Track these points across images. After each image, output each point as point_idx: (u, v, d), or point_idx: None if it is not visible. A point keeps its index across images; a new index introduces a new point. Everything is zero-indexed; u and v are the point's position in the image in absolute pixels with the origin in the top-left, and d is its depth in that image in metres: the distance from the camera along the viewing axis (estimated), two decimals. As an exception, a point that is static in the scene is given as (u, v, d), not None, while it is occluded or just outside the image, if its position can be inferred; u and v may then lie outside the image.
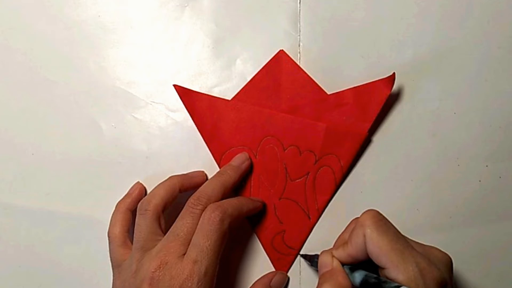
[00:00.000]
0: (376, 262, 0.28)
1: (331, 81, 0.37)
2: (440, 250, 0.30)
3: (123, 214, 0.35)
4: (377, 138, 0.37)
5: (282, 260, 0.37)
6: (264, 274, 0.36)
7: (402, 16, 0.37)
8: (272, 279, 0.35)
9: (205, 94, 0.37)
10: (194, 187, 0.34)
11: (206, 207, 0.31)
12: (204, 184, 0.33)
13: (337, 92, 0.36)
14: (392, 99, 0.37)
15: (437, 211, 0.37)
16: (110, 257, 0.34)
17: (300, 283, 0.37)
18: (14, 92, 0.38)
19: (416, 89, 0.37)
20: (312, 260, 0.34)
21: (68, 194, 0.37)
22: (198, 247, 0.29)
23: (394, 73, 0.35)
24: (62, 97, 0.38)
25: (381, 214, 0.29)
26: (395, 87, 0.36)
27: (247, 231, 0.37)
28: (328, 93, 0.36)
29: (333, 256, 0.31)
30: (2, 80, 0.38)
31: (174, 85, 0.37)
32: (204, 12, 0.38)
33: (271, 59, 0.37)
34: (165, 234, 0.32)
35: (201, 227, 0.30)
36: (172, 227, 0.32)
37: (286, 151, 0.36)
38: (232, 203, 0.32)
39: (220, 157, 0.37)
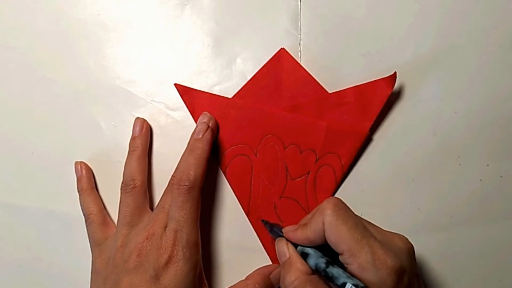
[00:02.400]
0: (334, 248, 0.29)
1: (332, 79, 0.37)
2: (403, 238, 0.30)
3: (92, 194, 0.36)
4: (378, 137, 0.37)
5: (283, 259, 0.36)
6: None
7: (403, 14, 0.37)
8: (272, 271, 0.35)
9: (206, 93, 0.37)
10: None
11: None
12: (180, 163, 0.34)
13: (338, 91, 0.36)
14: (393, 98, 0.37)
15: (438, 210, 0.37)
16: (89, 237, 0.35)
17: (300, 283, 0.37)
18: (13, 91, 0.38)
19: (417, 88, 0.37)
20: (271, 229, 0.34)
21: (68, 193, 0.37)
22: (175, 219, 0.31)
23: (395, 72, 0.35)
24: (62, 96, 0.38)
25: (342, 203, 0.30)
26: (396, 86, 0.36)
27: (248, 230, 0.37)
28: (329, 91, 0.36)
29: (287, 243, 0.32)
30: (1, 79, 0.38)
31: (175, 84, 0.37)
32: (204, 10, 0.38)
33: (271, 58, 0.37)
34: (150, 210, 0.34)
35: (174, 200, 0.32)
36: (158, 202, 0.33)
37: (286, 149, 0.36)
38: (189, 164, 0.33)
39: (220, 156, 0.37)
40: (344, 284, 0.27)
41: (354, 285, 0.26)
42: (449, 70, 0.37)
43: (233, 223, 0.37)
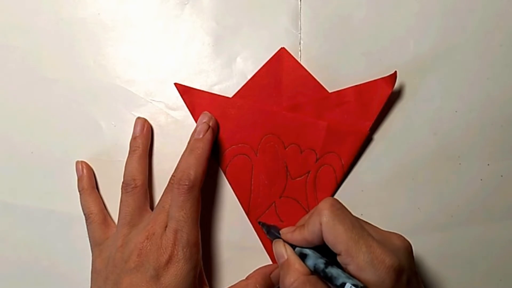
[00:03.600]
0: (332, 249, 0.29)
1: (332, 79, 0.36)
2: (400, 237, 0.30)
3: (93, 193, 0.36)
4: (378, 137, 0.37)
5: (283, 259, 0.36)
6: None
7: (403, 14, 0.37)
8: (273, 271, 0.35)
9: (206, 92, 0.37)
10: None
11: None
12: (180, 163, 0.33)
13: (338, 90, 0.36)
14: (394, 98, 0.37)
15: (438, 210, 0.37)
16: (89, 236, 0.35)
17: (300, 282, 0.37)
18: (13, 90, 0.38)
19: (417, 87, 0.37)
20: (269, 230, 0.34)
21: (68, 193, 0.37)
22: (175, 218, 0.31)
23: (395, 72, 0.35)
24: (62, 96, 0.38)
25: (339, 203, 0.30)
26: (396, 85, 0.36)
27: (248, 230, 0.37)
28: (329, 91, 0.36)
29: (284, 245, 0.32)
30: (1, 79, 0.38)
31: (175, 84, 0.37)
32: (204, 10, 0.38)
33: (272, 57, 0.37)
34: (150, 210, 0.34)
35: (174, 200, 0.32)
36: (158, 202, 0.33)
37: (287, 149, 0.36)
38: (190, 163, 0.33)
39: (220, 155, 0.37)
40: (344, 284, 0.26)
41: (353, 285, 0.26)
42: (450, 69, 0.37)
43: (233, 222, 0.37)
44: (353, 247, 0.27)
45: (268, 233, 0.35)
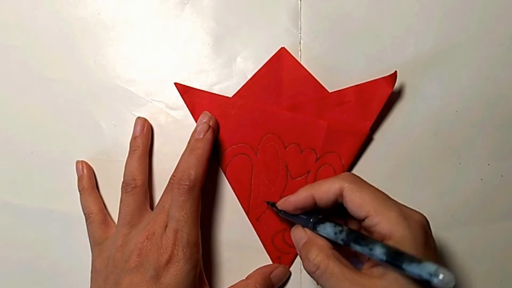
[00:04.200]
0: (354, 213, 0.29)
1: (332, 79, 0.36)
2: (420, 213, 0.30)
3: (93, 193, 0.36)
4: (378, 137, 0.37)
5: (283, 258, 0.36)
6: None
7: (403, 13, 0.37)
8: (273, 271, 0.35)
9: (206, 92, 0.37)
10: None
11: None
12: (181, 162, 0.33)
13: (338, 90, 0.36)
14: (394, 97, 0.37)
15: (438, 209, 0.37)
16: (89, 236, 0.35)
17: (300, 282, 0.37)
18: (13, 90, 0.38)
19: (417, 87, 0.37)
20: (277, 209, 0.34)
21: (67, 192, 0.37)
22: (175, 218, 0.31)
23: (396, 71, 0.35)
24: (62, 95, 0.38)
25: (359, 176, 0.30)
26: (396, 85, 0.36)
27: (248, 229, 0.37)
28: (330, 91, 0.36)
29: (304, 228, 0.32)
30: (1, 78, 0.38)
31: (175, 83, 0.37)
32: (205, 9, 0.38)
33: (272, 57, 0.37)
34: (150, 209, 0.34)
35: (174, 199, 0.32)
36: (158, 201, 0.33)
37: (287, 149, 0.36)
38: (190, 163, 0.32)
39: (220, 155, 0.37)
40: (377, 247, 0.26)
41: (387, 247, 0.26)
42: (450, 69, 0.37)
43: (233, 222, 0.37)
44: (382, 206, 0.28)
45: (279, 211, 0.34)
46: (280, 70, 0.36)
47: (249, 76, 0.37)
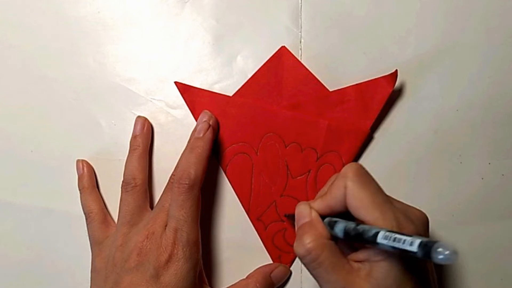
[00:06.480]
0: (354, 215, 0.28)
1: (333, 78, 0.36)
2: (420, 210, 0.30)
3: (93, 192, 0.36)
4: (379, 135, 0.37)
5: (283, 257, 0.36)
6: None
7: (404, 12, 0.37)
8: (273, 270, 0.35)
9: (206, 91, 0.37)
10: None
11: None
12: (181, 161, 0.33)
13: (339, 89, 0.36)
14: (394, 96, 0.37)
15: (438, 208, 0.37)
16: (89, 235, 0.35)
17: (301, 282, 0.37)
18: (13, 89, 0.38)
19: (418, 86, 0.37)
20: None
21: (67, 192, 0.37)
22: (175, 218, 0.31)
23: (396, 70, 0.35)
24: (62, 94, 0.38)
25: (363, 168, 0.29)
26: (397, 84, 0.36)
27: (248, 229, 0.37)
28: (330, 90, 0.36)
29: (311, 207, 0.30)
30: (1, 78, 0.38)
31: (175, 82, 0.37)
32: (205, 8, 0.38)
33: (272, 56, 0.37)
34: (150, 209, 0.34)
35: (174, 199, 0.32)
36: (158, 201, 0.33)
37: (287, 148, 0.36)
38: (190, 162, 0.32)
39: (221, 154, 0.36)
40: (376, 233, 0.25)
41: (388, 231, 0.25)
42: (451, 68, 0.37)
43: (233, 221, 0.37)
44: (379, 213, 0.26)
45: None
46: (281, 69, 0.36)
47: (250, 75, 0.37)
